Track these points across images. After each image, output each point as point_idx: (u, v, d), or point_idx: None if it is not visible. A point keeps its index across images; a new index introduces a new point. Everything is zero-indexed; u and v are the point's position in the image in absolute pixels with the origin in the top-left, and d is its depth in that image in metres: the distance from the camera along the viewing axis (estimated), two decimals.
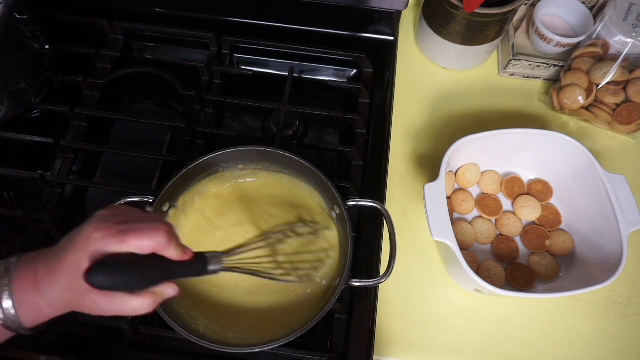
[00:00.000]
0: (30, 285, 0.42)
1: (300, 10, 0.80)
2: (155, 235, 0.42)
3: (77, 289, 0.41)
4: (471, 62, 0.84)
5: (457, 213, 0.72)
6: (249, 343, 0.53)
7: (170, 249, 0.44)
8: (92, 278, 0.40)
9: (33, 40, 0.69)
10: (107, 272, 0.40)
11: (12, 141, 0.70)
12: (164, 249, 0.43)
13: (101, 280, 0.40)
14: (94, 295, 0.41)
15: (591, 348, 0.66)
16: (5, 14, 0.61)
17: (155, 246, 0.43)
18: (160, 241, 0.43)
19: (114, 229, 0.42)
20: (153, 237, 0.42)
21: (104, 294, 0.41)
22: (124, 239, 0.41)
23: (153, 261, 0.43)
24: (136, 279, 0.42)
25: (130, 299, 0.42)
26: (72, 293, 0.41)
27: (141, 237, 0.42)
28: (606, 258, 0.61)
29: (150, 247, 0.42)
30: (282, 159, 0.62)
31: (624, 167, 0.77)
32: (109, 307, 0.42)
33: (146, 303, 0.43)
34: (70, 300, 0.42)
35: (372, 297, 0.64)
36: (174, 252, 0.44)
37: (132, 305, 0.43)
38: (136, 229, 0.42)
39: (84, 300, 0.41)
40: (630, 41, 0.71)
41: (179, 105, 0.80)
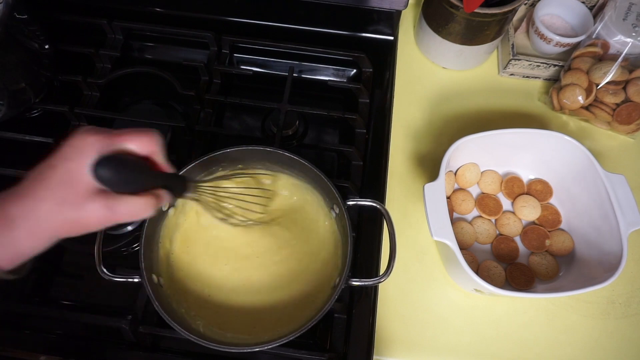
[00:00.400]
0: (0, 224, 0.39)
1: (300, 10, 0.80)
2: (151, 134, 0.42)
3: (77, 198, 0.39)
4: (471, 62, 0.84)
5: (457, 213, 0.72)
6: (249, 343, 0.53)
7: (162, 154, 0.44)
8: (100, 170, 0.38)
9: (33, 40, 0.69)
10: (115, 165, 0.39)
11: (12, 141, 0.70)
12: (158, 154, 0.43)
13: (109, 173, 0.38)
14: (100, 198, 0.39)
15: (591, 348, 0.66)
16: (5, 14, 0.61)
17: (152, 149, 0.43)
18: (157, 140, 0.43)
19: (108, 132, 0.41)
20: (151, 140, 0.42)
21: (108, 195, 0.40)
22: (123, 137, 0.41)
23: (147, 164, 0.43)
24: (136, 177, 0.41)
25: (134, 200, 0.41)
26: (68, 206, 0.39)
27: (139, 135, 0.42)
28: (606, 258, 0.61)
29: (149, 145, 0.42)
30: (282, 159, 0.62)
31: (624, 167, 0.77)
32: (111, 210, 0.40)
33: (149, 203, 0.42)
34: (64, 219, 0.39)
35: (372, 297, 0.64)
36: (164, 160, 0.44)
37: (136, 205, 0.41)
38: (131, 131, 0.42)
39: (88, 207, 0.39)
40: (630, 41, 0.71)
41: (179, 105, 0.80)
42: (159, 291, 0.55)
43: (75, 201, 0.39)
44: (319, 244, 0.62)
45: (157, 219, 0.59)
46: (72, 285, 0.66)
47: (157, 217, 0.59)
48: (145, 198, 0.42)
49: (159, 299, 0.52)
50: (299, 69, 0.82)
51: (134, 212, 0.41)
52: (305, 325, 0.52)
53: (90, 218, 0.40)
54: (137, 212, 0.42)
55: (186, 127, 0.73)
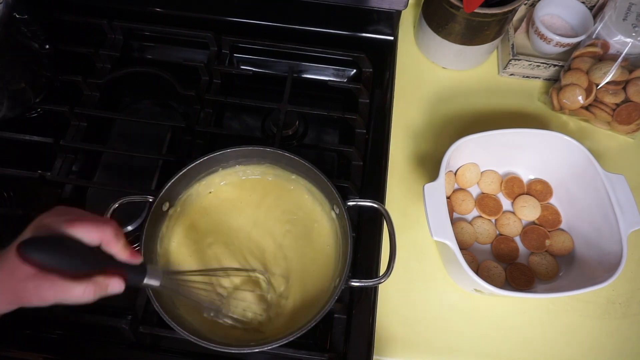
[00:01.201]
0: None
1: (300, 10, 0.80)
2: (104, 227, 0.43)
3: (21, 274, 0.40)
4: (471, 62, 0.84)
5: (457, 213, 0.72)
6: (249, 343, 0.53)
7: (117, 244, 0.44)
8: (24, 248, 0.39)
9: (33, 40, 0.69)
10: (42, 245, 0.40)
11: (12, 141, 0.70)
12: (110, 243, 0.44)
13: (34, 253, 0.39)
14: (37, 280, 0.40)
15: (591, 348, 0.66)
16: (5, 14, 0.61)
17: (102, 237, 0.43)
18: (109, 233, 0.43)
19: (64, 216, 0.42)
20: (101, 228, 0.43)
21: (46, 278, 0.40)
22: (73, 224, 0.42)
23: (92, 251, 0.43)
24: (73, 260, 0.41)
25: (73, 285, 0.41)
26: (14, 279, 0.41)
27: (90, 225, 0.42)
28: (606, 258, 0.61)
29: (97, 238, 0.43)
30: (282, 159, 0.62)
31: (624, 167, 0.76)
32: (49, 292, 0.41)
33: (88, 291, 0.42)
34: (11, 290, 0.41)
35: (372, 297, 0.64)
36: (121, 248, 0.44)
37: (74, 291, 0.42)
38: (86, 219, 0.43)
39: (26, 286, 0.40)
40: (630, 41, 0.71)
41: (179, 105, 0.80)
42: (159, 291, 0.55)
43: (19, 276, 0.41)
44: (319, 245, 0.62)
45: (157, 219, 0.59)
46: None
47: (157, 217, 0.59)
48: (85, 285, 0.42)
49: (159, 299, 0.52)
50: (299, 69, 0.82)
51: (73, 297, 0.42)
52: (305, 326, 0.52)
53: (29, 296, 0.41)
54: (75, 297, 0.42)
55: (186, 127, 0.73)
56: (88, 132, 0.74)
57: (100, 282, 0.43)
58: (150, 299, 0.52)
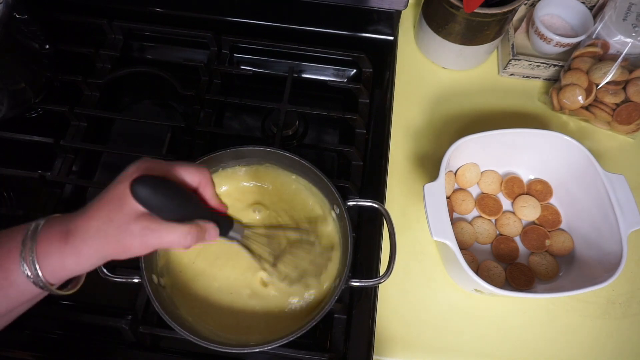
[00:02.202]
0: (56, 239, 0.40)
1: (300, 10, 0.80)
2: (202, 170, 0.44)
3: (121, 219, 0.39)
4: (471, 62, 0.84)
5: (457, 213, 0.72)
6: (249, 343, 0.54)
7: (210, 189, 0.45)
8: (136, 187, 0.38)
9: (33, 40, 0.69)
10: (153, 185, 0.39)
11: (12, 141, 0.70)
12: (207, 186, 0.45)
13: (145, 192, 0.38)
14: (142, 221, 0.39)
15: (591, 348, 0.66)
16: (5, 14, 0.61)
17: (201, 179, 0.44)
18: (206, 176, 0.45)
19: (162, 162, 0.43)
20: (200, 171, 0.44)
21: (151, 218, 0.40)
22: (174, 166, 0.43)
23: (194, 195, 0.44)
24: (178, 202, 0.41)
25: (176, 227, 0.41)
26: (113, 226, 0.39)
27: (189, 168, 0.43)
28: (606, 258, 0.61)
29: (196, 180, 0.44)
30: (282, 159, 0.62)
31: (624, 167, 0.76)
32: (155, 234, 0.40)
33: (191, 235, 0.42)
34: (109, 238, 0.40)
35: (372, 297, 0.64)
36: (213, 195, 0.46)
37: (179, 233, 0.41)
38: (185, 163, 0.44)
39: (130, 229, 0.39)
40: (630, 41, 0.71)
41: (179, 105, 0.80)
42: (159, 291, 0.55)
43: (119, 222, 0.40)
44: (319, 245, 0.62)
45: None
46: None
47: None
48: (188, 227, 0.42)
49: (159, 299, 0.52)
50: (299, 69, 0.82)
51: (175, 240, 0.41)
52: (305, 325, 0.52)
53: (132, 240, 0.40)
54: (178, 240, 0.41)
55: (186, 127, 0.73)
56: (88, 132, 0.74)
57: (202, 226, 0.43)
58: (150, 299, 0.52)
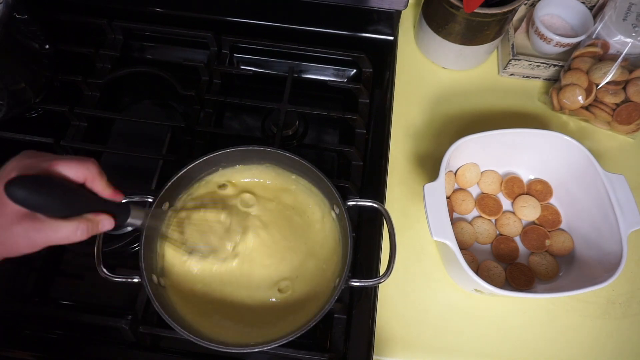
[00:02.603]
0: None
1: (300, 10, 0.80)
2: (85, 163, 0.42)
3: (3, 221, 0.38)
4: (471, 62, 0.84)
5: (457, 213, 0.72)
6: (249, 343, 0.53)
7: (100, 181, 0.43)
8: (12, 188, 0.37)
9: (33, 40, 0.69)
10: (30, 185, 0.37)
11: (12, 141, 0.70)
12: (94, 180, 0.42)
13: (22, 193, 0.37)
14: (25, 223, 0.39)
15: (591, 348, 0.66)
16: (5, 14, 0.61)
17: (86, 174, 0.42)
18: (91, 170, 0.42)
19: (44, 157, 0.41)
20: (84, 164, 0.42)
21: (35, 219, 0.39)
22: (58, 162, 0.40)
23: (79, 189, 0.42)
24: (61, 199, 0.39)
25: (64, 224, 0.40)
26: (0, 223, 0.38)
27: (71, 162, 0.41)
28: (606, 258, 0.61)
29: (80, 174, 0.41)
30: (282, 159, 0.62)
31: (624, 167, 0.76)
32: (40, 234, 0.39)
33: (81, 229, 0.41)
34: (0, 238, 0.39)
35: (372, 297, 0.64)
36: (104, 187, 0.43)
37: (65, 230, 0.40)
38: (67, 158, 0.42)
39: (13, 231, 0.38)
40: (630, 41, 0.71)
41: (179, 105, 0.80)
42: (159, 291, 0.55)
43: (2, 224, 0.39)
44: (319, 245, 0.62)
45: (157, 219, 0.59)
46: (72, 285, 0.66)
47: (156, 218, 0.59)
48: (77, 222, 0.41)
49: (159, 299, 0.52)
50: (299, 69, 0.82)
51: (64, 236, 0.40)
52: (305, 325, 0.52)
53: (18, 240, 0.39)
54: (67, 236, 0.40)
55: (186, 127, 0.73)
56: (88, 132, 0.74)
57: (91, 219, 0.42)
58: (150, 299, 0.52)
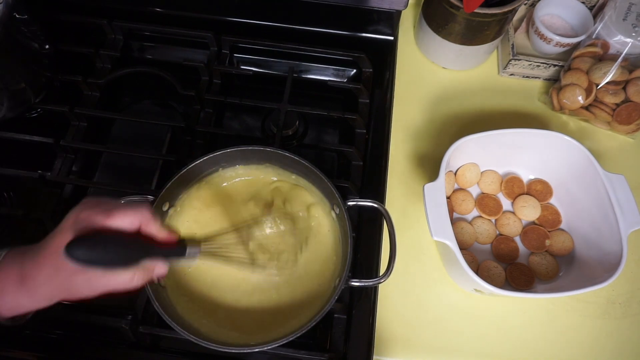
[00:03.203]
0: (13, 280, 0.43)
1: (300, 10, 0.80)
2: (139, 211, 0.45)
3: (67, 269, 0.41)
4: (471, 62, 0.84)
5: (457, 213, 0.72)
6: (249, 343, 0.53)
7: (153, 225, 0.46)
8: (71, 250, 0.40)
9: (33, 40, 0.69)
10: (87, 245, 0.41)
11: (12, 141, 0.70)
12: (148, 225, 0.45)
13: (81, 253, 0.40)
14: (85, 272, 0.42)
15: (591, 348, 0.66)
16: (5, 14, 0.61)
17: (140, 220, 0.45)
18: (145, 216, 0.45)
19: (100, 208, 0.43)
20: (138, 213, 0.44)
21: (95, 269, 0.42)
22: (110, 214, 0.43)
23: (135, 239, 0.45)
24: (117, 253, 0.43)
25: (122, 273, 0.43)
26: (61, 275, 0.42)
27: (126, 212, 0.44)
28: (606, 258, 0.61)
29: (135, 222, 0.44)
30: (282, 159, 0.62)
31: (624, 167, 0.76)
32: (101, 281, 0.43)
33: (137, 277, 0.44)
34: (59, 285, 0.43)
35: (372, 297, 0.64)
36: (158, 229, 0.46)
37: (123, 278, 0.43)
38: (121, 207, 0.44)
39: (76, 278, 0.42)
40: (630, 41, 0.71)
41: (179, 105, 0.80)
42: (159, 291, 0.55)
43: (66, 272, 0.42)
44: (319, 245, 0.62)
45: None
46: None
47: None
48: (132, 272, 0.44)
49: (159, 299, 0.52)
50: (299, 69, 0.82)
51: (122, 284, 0.44)
52: (305, 326, 0.52)
53: (79, 288, 0.43)
54: (125, 285, 0.44)
55: (186, 127, 0.73)
56: (88, 132, 0.74)
57: (146, 267, 0.45)
58: (150, 299, 0.52)
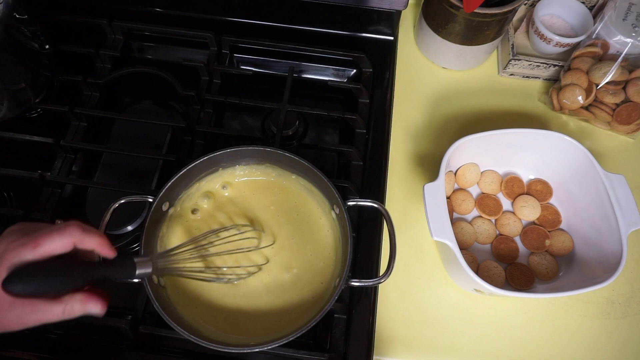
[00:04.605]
0: None
1: (300, 10, 0.80)
2: (66, 231, 0.43)
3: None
4: (471, 62, 0.84)
5: (457, 213, 0.72)
6: (249, 343, 0.53)
7: (87, 239, 0.44)
8: (10, 286, 0.40)
9: (33, 40, 0.69)
10: (24, 278, 0.41)
11: (12, 141, 0.70)
12: (82, 241, 0.44)
13: (20, 287, 0.40)
14: (16, 308, 0.41)
15: (591, 348, 0.66)
16: (5, 14, 0.61)
17: (70, 241, 0.43)
18: (73, 234, 0.43)
19: (26, 237, 0.42)
20: (65, 233, 0.43)
21: (26, 304, 0.41)
22: (38, 242, 0.42)
23: (73, 263, 0.44)
24: (56, 282, 0.42)
25: (53, 306, 0.42)
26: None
27: (53, 236, 0.42)
28: (606, 258, 0.61)
29: (66, 245, 0.43)
30: (282, 159, 0.62)
31: (624, 167, 0.77)
32: (31, 317, 0.42)
33: (67, 311, 0.43)
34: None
35: (372, 297, 0.64)
36: (92, 240, 0.44)
37: (55, 311, 0.42)
38: (47, 231, 0.43)
39: (8, 315, 0.41)
40: (630, 41, 0.71)
41: (179, 105, 0.80)
42: (159, 291, 0.55)
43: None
44: (319, 245, 0.62)
45: (157, 219, 0.59)
46: None
47: (157, 218, 0.59)
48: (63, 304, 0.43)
49: (159, 299, 0.52)
50: (299, 69, 0.82)
51: (54, 317, 0.43)
52: (305, 325, 0.52)
53: (9, 323, 0.42)
54: (58, 317, 0.43)
55: (186, 127, 0.73)
56: (88, 132, 0.74)
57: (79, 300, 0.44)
58: (150, 299, 0.52)
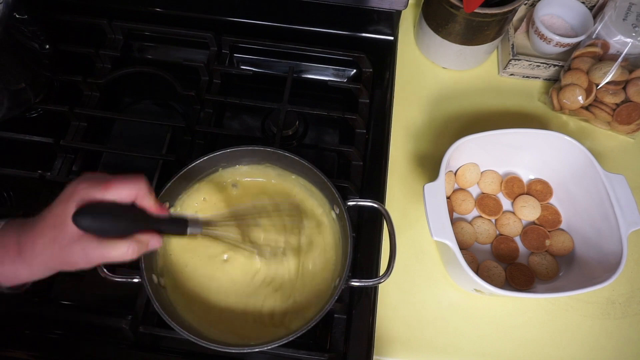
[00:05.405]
0: (11, 250, 0.44)
1: (300, 10, 0.80)
2: (136, 183, 0.46)
3: (64, 239, 0.43)
4: (471, 62, 0.84)
5: (457, 213, 0.72)
6: (249, 343, 0.53)
7: (149, 198, 0.47)
8: (79, 219, 0.42)
9: (33, 40, 0.69)
10: (93, 214, 0.43)
11: (12, 141, 0.70)
12: (144, 198, 0.46)
13: (88, 222, 0.42)
14: (83, 242, 0.43)
15: (591, 348, 0.66)
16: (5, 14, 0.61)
17: (137, 193, 0.46)
18: (142, 188, 0.46)
19: (98, 180, 0.45)
20: (135, 185, 0.45)
21: (92, 238, 0.43)
22: (108, 186, 0.44)
23: (134, 210, 0.46)
24: (121, 223, 0.45)
25: (118, 243, 0.44)
26: (57, 245, 0.43)
27: (123, 185, 0.45)
28: (606, 258, 0.61)
29: (132, 195, 0.46)
30: (282, 159, 0.62)
31: (624, 167, 0.77)
32: (96, 252, 0.43)
33: (132, 248, 0.45)
34: (55, 255, 0.44)
35: (372, 297, 0.64)
36: (153, 202, 0.47)
37: (120, 249, 0.44)
38: (119, 179, 0.45)
39: (72, 249, 0.43)
40: (630, 41, 0.71)
41: (179, 105, 0.80)
42: (159, 291, 0.55)
43: (62, 242, 0.43)
44: (319, 245, 0.62)
45: None
46: (72, 285, 0.66)
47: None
48: (127, 243, 0.45)
49: (159, 299, 0.52)
50: (299, 69, 0.82)
51: (117, 255, 0.45)
52: (305, 326, 0.52)
53: (75, 258, 0.44)
54: (120, 255, 0.45)
55: (186, 127, 0.73)
56: (88, 132, 0.74)
57: (141, 239, 0.46)
58: (150, 299, 0.52)
